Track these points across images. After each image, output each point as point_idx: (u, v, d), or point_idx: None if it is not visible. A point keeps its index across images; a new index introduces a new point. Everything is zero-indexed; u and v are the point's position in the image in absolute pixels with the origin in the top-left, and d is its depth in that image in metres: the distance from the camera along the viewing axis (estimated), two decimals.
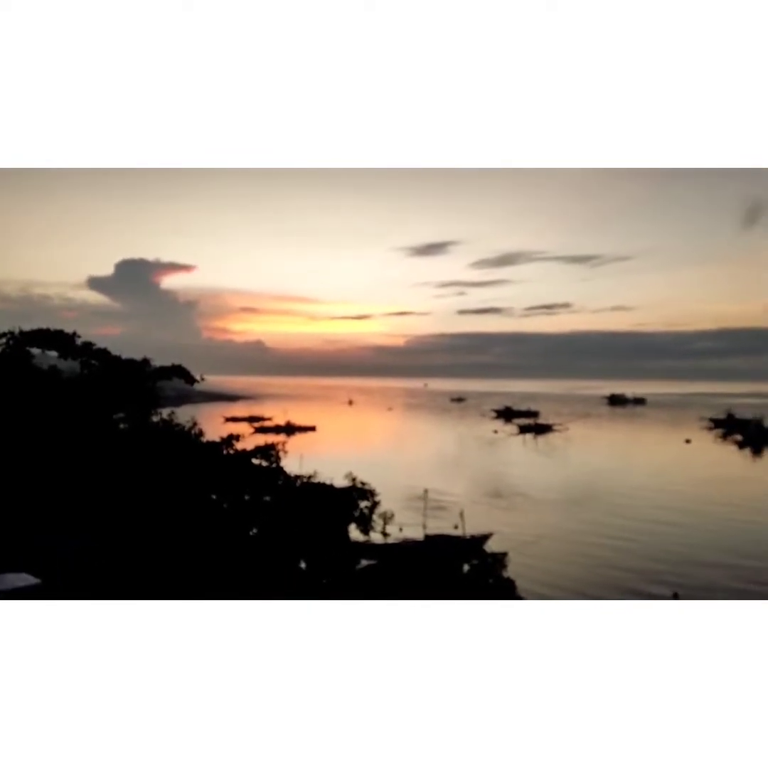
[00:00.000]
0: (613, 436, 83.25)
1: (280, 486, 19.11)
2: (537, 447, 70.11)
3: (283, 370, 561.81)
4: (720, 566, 25.38)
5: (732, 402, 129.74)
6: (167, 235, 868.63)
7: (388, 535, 21.15)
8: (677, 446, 69.41)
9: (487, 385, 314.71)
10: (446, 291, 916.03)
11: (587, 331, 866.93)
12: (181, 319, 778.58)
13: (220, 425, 73.00)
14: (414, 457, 59.34)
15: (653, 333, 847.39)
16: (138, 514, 15.72)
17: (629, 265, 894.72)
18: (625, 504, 37.40)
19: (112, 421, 19.64)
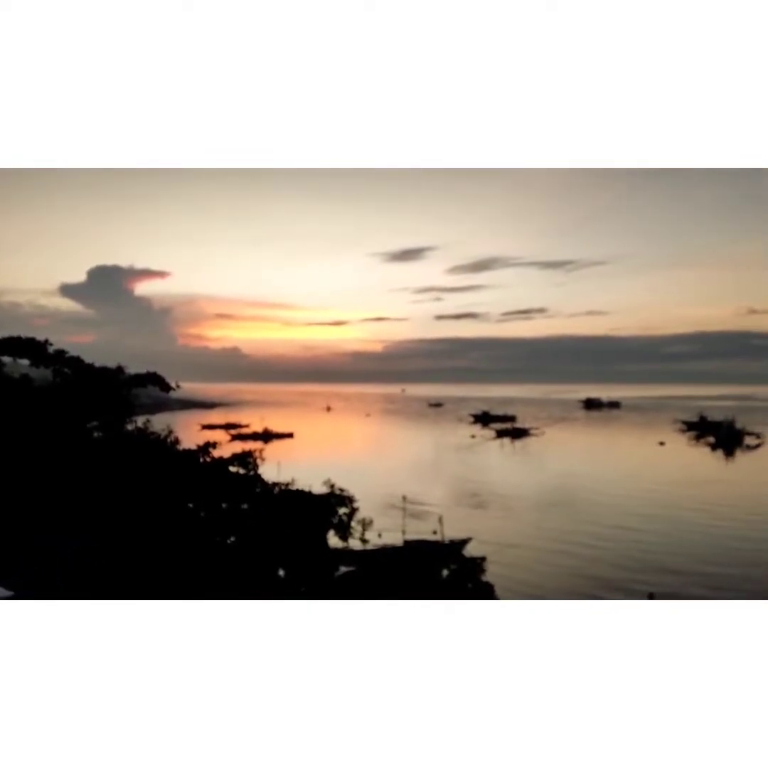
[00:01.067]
0: (589, 439, 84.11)
1: (258, 493, 18.99)
2: (514, 451, 70.58)
3: (260, 377, 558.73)
4: (684, 573, 25.58)
5: (705, 405, 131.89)
6: (141, 242, 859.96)
7: (367, 542, 21.08)
8: (651, 449, 70.34)
9: (464, 390, 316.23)
10: (423, 296, 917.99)
11: (563, 336, 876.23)
12: (156, 326, 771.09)
13: (196, 433, 72.29)
14: (392, 462, 59.34)
15: (628, 337, 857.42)
16: (113, 524, 15.51)
17: (604, 269, 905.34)
18: (598, 508, 37.73)
19: (86, 429, 19.37)
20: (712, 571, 25.39)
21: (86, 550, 14.24)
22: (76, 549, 14.09)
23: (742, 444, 71.81)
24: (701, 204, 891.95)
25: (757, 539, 30.33)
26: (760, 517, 35.15)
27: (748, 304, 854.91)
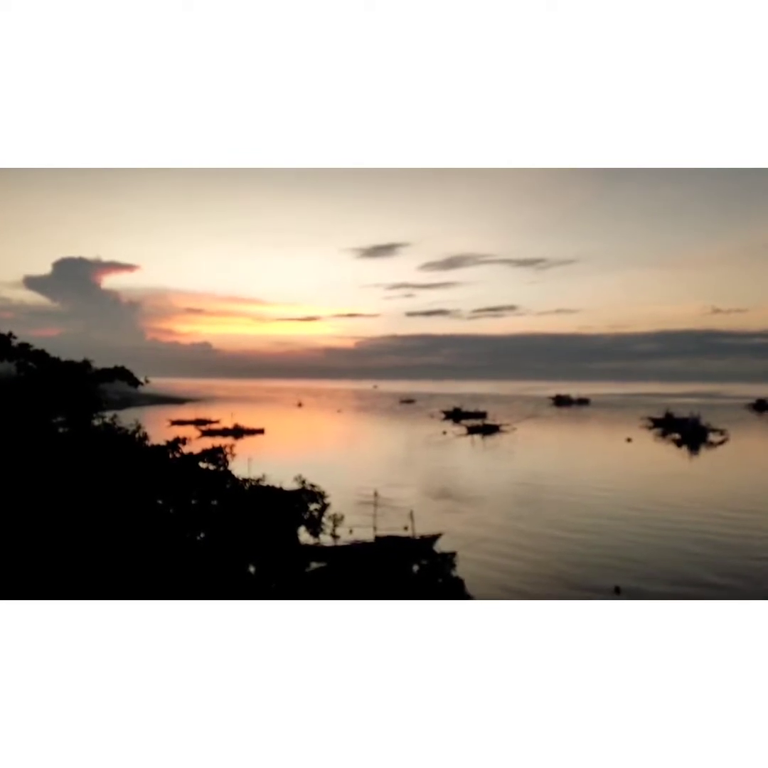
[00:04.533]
0: (559, 436, 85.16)
1: (228, 490, 18.83)
2: (485, 447, 71.13)
3: (230, 372, 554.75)
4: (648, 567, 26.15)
5: (670, 402, 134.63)
6: (108, 234, 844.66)
7: (338, 537, 21.07)
8: (619, 445, 71.53)
9: (436, 387, 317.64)
10: (395, 293, 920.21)
11: (533, 333, 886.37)
12: (124, 320, 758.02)
13: (165, 429, 71.52)
14: (364, 458, 59.37)
15: (596, 335, 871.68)
16: (79, 521, 15.25)
17: (574, 268, 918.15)
18: (565, 505, 38.26)
19: (51, 424, 18.99)
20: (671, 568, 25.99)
21: (50, 548, 13.99)
22: (39, 547, 13.84)
23: (707, 440, 73.42)
24: (670, 204, 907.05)
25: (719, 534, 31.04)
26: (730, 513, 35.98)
27: (712, 303, 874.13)
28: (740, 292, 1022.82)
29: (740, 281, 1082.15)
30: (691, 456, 63.34)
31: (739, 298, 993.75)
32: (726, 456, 62.54)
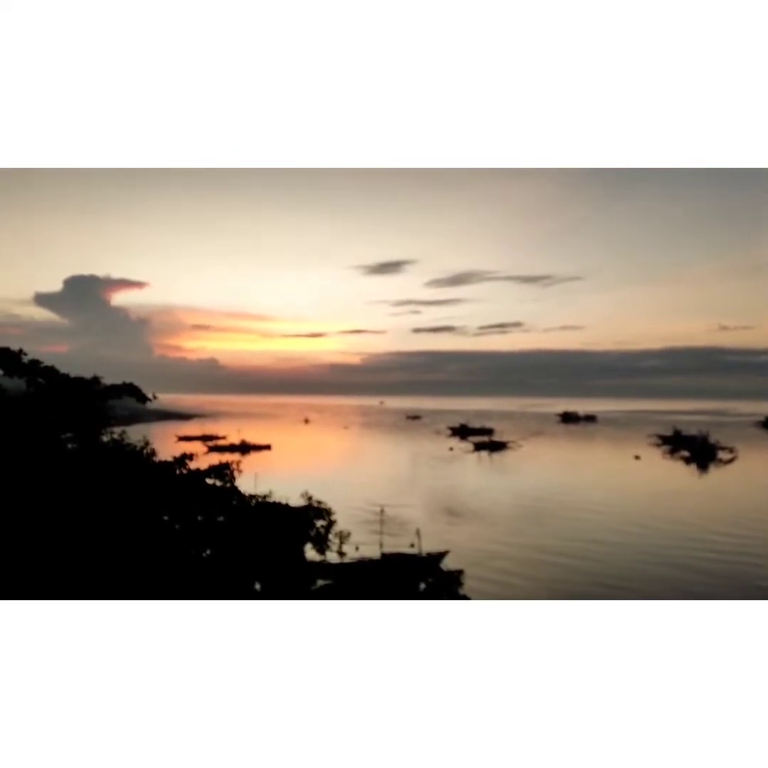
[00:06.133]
0: (566, 453, 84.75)
1: (235, 506, 18.82)
2: (492, 464, 70.83)
3: (237, 388, 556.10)
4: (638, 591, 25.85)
5: (677, 419, 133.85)
6: (119, 252, 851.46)
7: (345, 555, 21.00)
8: (627, 462, 71.12)
9: (442, 403, 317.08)
10: (401, 309, 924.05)
11: (538, 350, 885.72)
12: (133, 337, 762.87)
13: (172, 444, 71.51)
14: (370, 475, 59.19)
15: (602, 352, 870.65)
16: (86, 535, 15.27)
17: (578, 284, 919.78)
18: (574, 522, 37.96)
19: (60, 440, 19.07)
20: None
21: (57, 562, 14.01)
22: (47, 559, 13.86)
23: (716, 458, 72.92)
24: (675, 220, 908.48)
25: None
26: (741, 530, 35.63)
27: (719, 320, 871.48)
28: (747, 308, 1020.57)
29: (747, 298, 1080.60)
30: (700, 474, 62.89)
31: (745, 315, 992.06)
32: (736, 474, 62.05)
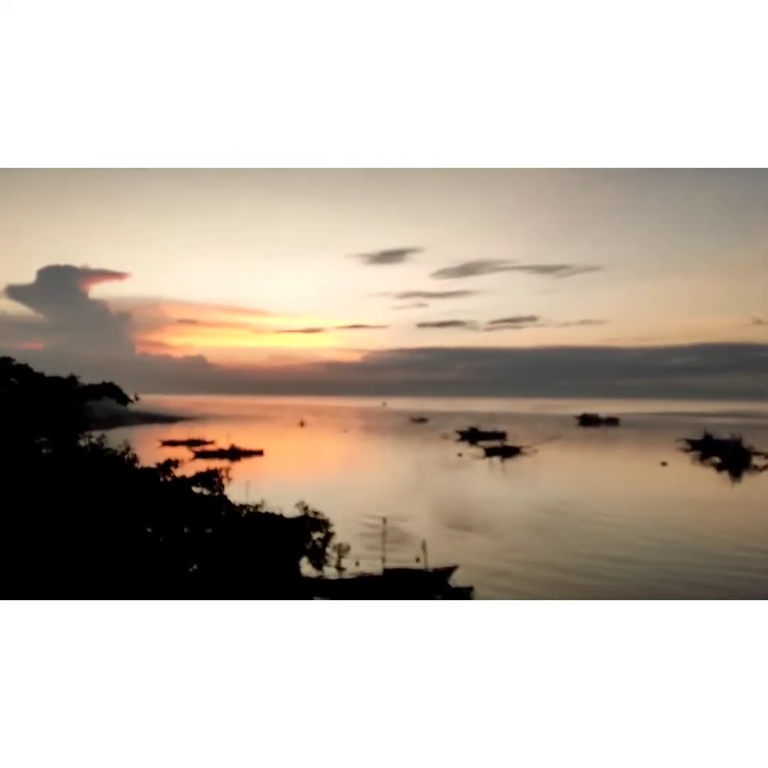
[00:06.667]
0: (586, 459, 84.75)
1: (224, 517, 18.86)
2: (504, 471, 70.87)
3: (226, 389, 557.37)
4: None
5: (707, 422, 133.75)
6: (97, 240, 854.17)
7: (344, 570, 21.03)
8: (653, 469, 71.09)
9: (450, 405, 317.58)
10: (405, 302, 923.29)
11: (555, 347, 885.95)
12: (113, 332, 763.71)
13: (156, 450, 71.84)
14: (372, 483, 59.28)
15: (625, 348, 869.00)
16: (61, 548, 15.32)
17: (599, 275, 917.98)
18: (592, 537, 37.89)
19: (34, 445, 19.14)
20: None
21: (31, 577, 14.06)
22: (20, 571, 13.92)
23: (750, 465, 72.76)
24: (701, 207, 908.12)
25: None
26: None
27: (753, 314, 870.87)
28: None
29: None
30: (733, 482, 62.83)
31: None
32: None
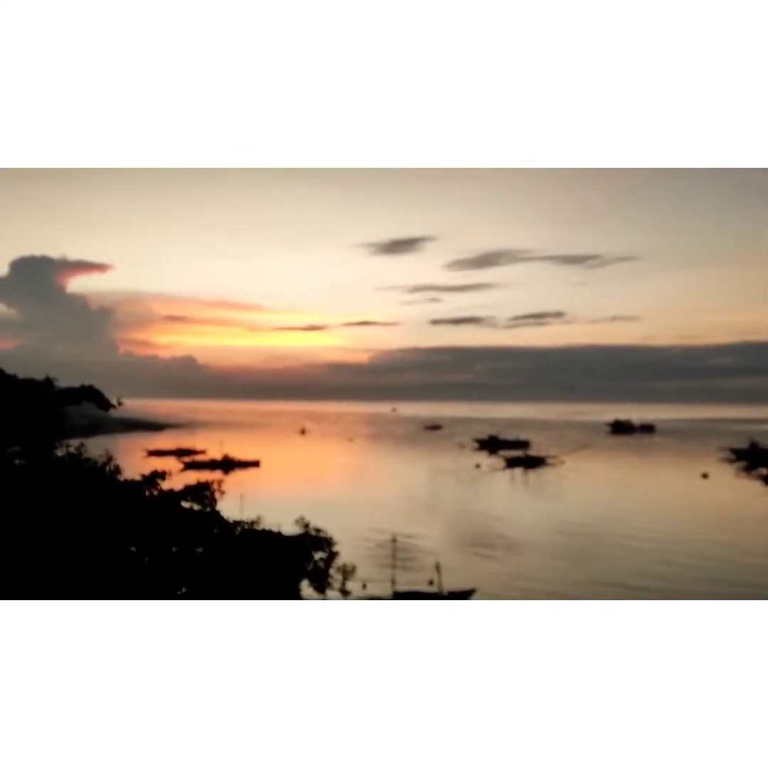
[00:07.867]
0: (618, 470, 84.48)
1: (216, 534, 18.90)
2: (527, 485, 70.77)
3: (219, 392, 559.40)
4: None
5: (754, 429, 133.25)
6: (75, 229, 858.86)
7: (349, 593, 20.99)
8: (693, 482, 70.82)
9: (467, 410, 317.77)
10: (417, 297, 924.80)
11: (584, 345, 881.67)
12: (93, 330, 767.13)
13: (141, 460, 72.16)
14: (380, 498, 59.31)
15: (662, 347, 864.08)
16: (36, 570, 15.37)
17: (633, 266, 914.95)
18: (620, 562, 37.72)
19: (6, 454, 19.24)
20: None
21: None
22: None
23: None
24: (750, 187, 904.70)
25: None
26: None
27: None
28: None
29: None
30: None
31: None
32: None
